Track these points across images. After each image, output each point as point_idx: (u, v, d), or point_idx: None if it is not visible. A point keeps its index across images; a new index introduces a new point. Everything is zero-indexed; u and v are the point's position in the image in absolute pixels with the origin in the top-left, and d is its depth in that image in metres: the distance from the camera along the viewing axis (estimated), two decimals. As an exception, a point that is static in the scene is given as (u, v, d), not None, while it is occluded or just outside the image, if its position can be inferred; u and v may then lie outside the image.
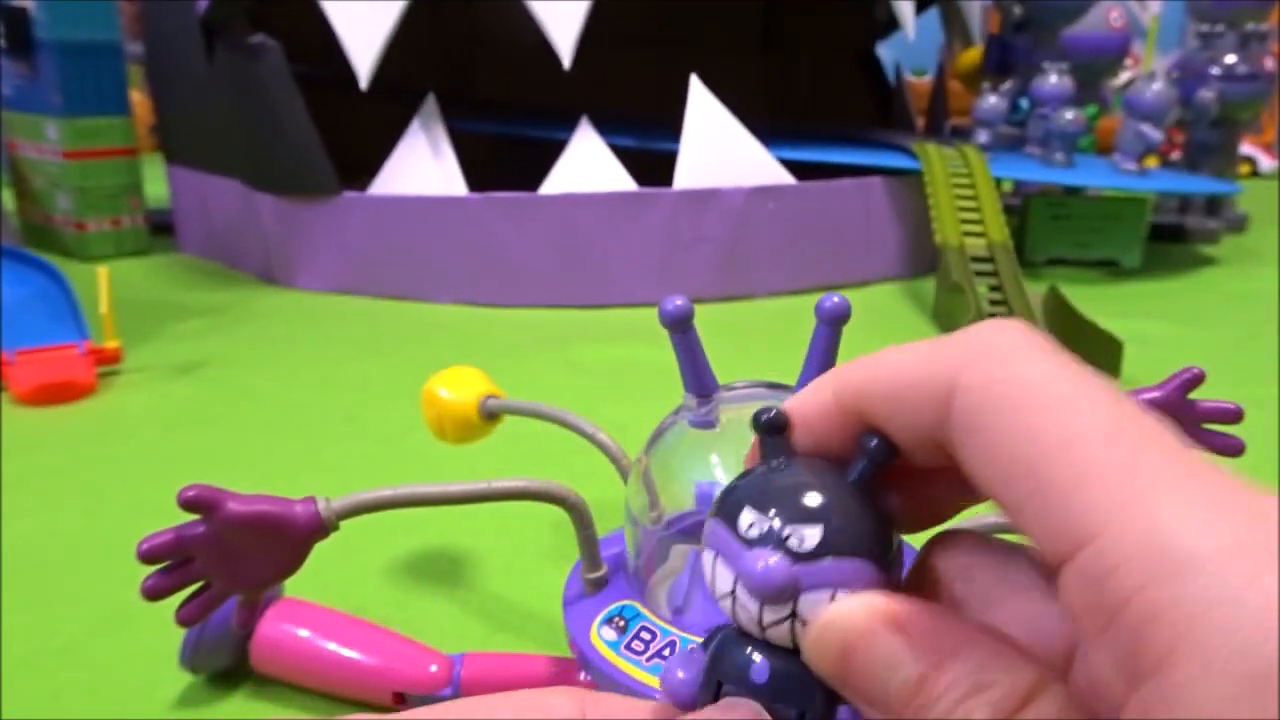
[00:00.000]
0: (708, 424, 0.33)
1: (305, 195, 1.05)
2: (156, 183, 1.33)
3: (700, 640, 0.18)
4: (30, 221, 1.30)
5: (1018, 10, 1.44)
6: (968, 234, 0.99)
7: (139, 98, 1.54)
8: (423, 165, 1.03)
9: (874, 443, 0.16)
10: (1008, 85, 1.43)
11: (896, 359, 0.16)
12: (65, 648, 0.41)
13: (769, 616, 0.16)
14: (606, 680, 0.29)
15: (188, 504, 0.28)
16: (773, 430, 0.17)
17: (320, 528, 0.29)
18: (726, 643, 0.17)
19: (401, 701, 0.35)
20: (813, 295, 0.31)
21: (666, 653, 0.28)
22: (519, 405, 0.41)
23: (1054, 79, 1.24)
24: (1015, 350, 0.15)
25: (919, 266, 1.15)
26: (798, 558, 0.15)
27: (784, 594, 0.15)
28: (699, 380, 0.32)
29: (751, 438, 0.18)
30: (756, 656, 0.16)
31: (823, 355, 0.30)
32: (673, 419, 0.34)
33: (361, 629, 0.37)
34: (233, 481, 0.30)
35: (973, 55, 1.57)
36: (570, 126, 1.03)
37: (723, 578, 0.16)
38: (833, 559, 0.15)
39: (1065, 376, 0.14)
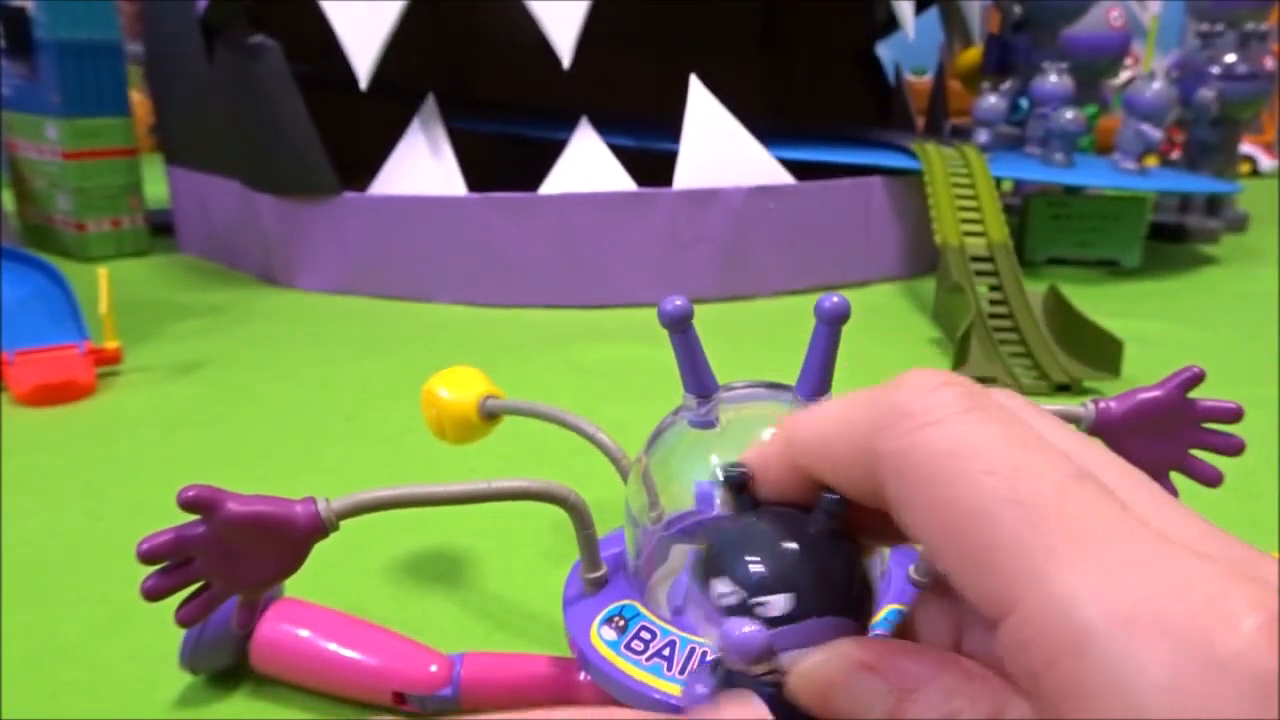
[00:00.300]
0: (707, 424, 0.33)
1: (305, 195, 1.05)
2: (156, 183, 1.33)
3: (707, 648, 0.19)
4: (30, 222, 1.30)
5: (1018, 10, 1.44)
6: (968, 234, 0.99)
7: (139, 98, 1.54)
8: (423, 165, 1.03)
9: (828, 498, 0.17)
10: (1008, 85, 1.43)
11: (826, 422, 0.17)
12: (65, 648, 0.41)
13: (755, 670, 0.17)
14: (606, 680, 0.29)
15: (187, 504, 0.28)
16: (737, 488, 0.18)
17: (320, 528, 0.29)
18: (729, 678, 0.18)
19: (402, 701, 0.35)
20: (813, 295, 0.31)
21: (666, 652, 0.28)
22: (519, 405, 0.41)
23: (1054, 79, 1.24)
24: (926, 414, 0.15)
25: (919, 266, 1.15)
26: (771, 623, 0.17)
27: (761, 658, 0.17)
28: (699, 380, 0.32)
29: (751, 437, 0.19)
30: (759, 691, 0.18)
31: (822, 355, 0.30)
32: (672, 419, 0.34)
33: (361, 629, 0.37)
34: (233, 481, 0.30)
35: (972, 55, 1.57)
36: (570, 126, 1.03)
37: (709, 636, 0.17)
38: (802, 622, 0.17)
39: (973, 439, 0.14)
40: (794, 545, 0.17)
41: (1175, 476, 0.36)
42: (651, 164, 1.05)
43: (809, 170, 1.07)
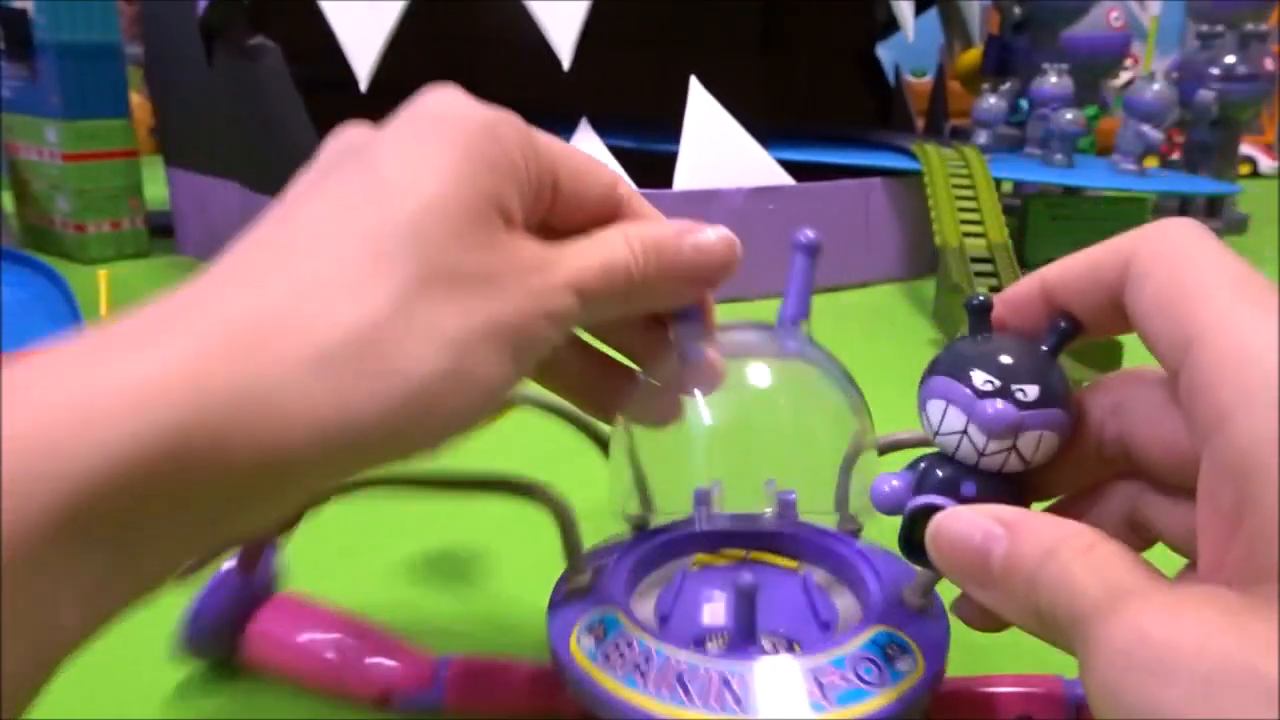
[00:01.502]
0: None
1: (305, 196, 1.05)
2: (156, 185, 1.33)
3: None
4: (29, 224, 1.30)
5: (1017, 10, 1.44)
6: (968, 234, 0.99)
7: (139, 99, 1.54)
8: (422, 166, 1.03)
9: (1065, 321, 0.23)
10: (1007, 86, 1.43)
11: (1076, 258, 0.23)
12: (63, 649, 0.41)
13: (991, 448, 0.22)
14: (581, 689, 0.28)
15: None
16: (981, 311, 0.24)
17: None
18: (934, 468, 0.23)
19: (388, 701, 0.35)
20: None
21: (642, 665, 0.27)
22: (532, 396, 0.41)
23: (1054, 79, 1.24)
24: (1183, 229, 0.21)
25: (919, 267, 1.15)
26: (1021, 405, 0.22)
27: (1009, 431, 0.22)
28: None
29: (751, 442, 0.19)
30: (968, 477, 0.22)
31: (801, 282, 0.34)
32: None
33: (352, 627, 0.36)
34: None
35: (972, 56, 1.57)
36: (570, 127, 1.03)
37: (953, 420, 0.22)
38: (1045, 408, 0.22)
39: (1214, 252, 0.20)
40: (1035, 350, 0.23)
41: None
42: (651, 164, 1.05)
43: (809, 171, 1.07)
